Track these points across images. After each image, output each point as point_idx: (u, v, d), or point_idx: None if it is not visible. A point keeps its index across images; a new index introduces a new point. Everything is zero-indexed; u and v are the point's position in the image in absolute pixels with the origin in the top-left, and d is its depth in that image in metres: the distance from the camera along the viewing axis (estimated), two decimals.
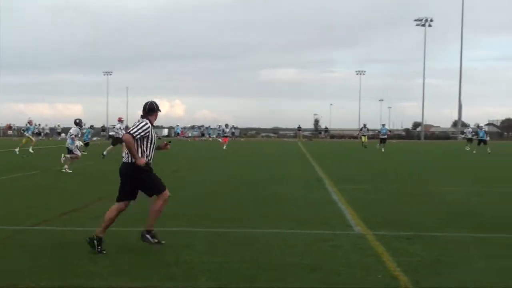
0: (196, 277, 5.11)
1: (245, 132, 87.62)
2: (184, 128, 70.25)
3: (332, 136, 79.56)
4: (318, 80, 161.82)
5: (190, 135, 65.53)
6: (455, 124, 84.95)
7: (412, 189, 12.46)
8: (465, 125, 58.73)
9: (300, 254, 6.03)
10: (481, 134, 32.85)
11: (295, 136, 72.43)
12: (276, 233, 7.20)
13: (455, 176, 16.78)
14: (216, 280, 5.03)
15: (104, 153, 22.40)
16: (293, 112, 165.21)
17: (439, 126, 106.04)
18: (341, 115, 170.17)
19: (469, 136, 36.48)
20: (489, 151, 30.34)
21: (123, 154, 6.54)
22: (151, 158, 6.25)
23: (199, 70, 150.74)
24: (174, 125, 71.65)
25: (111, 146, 23.31)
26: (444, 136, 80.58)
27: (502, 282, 5.01)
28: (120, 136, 22.09)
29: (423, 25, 76.69)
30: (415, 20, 77.05)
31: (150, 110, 6.36)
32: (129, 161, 6.13)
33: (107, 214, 6.17)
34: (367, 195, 11.21)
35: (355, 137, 77.84)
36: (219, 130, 51.65)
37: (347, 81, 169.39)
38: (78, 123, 16.59)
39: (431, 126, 62.08)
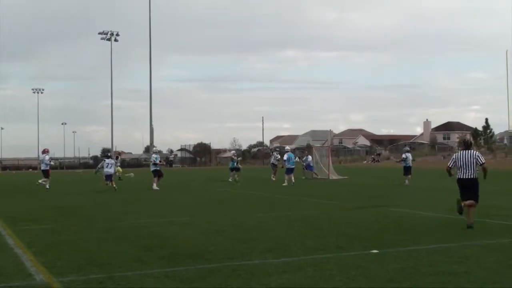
0: None
1: None
2: None
3: (5, 168, 71.50)
4: None
5: None
6: (147, 149, 77.89)
7: (104, 225, 11.67)
8: (157, 152, 52.65)
9: None
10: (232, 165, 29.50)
11: None
12: None
13: (155, 207, 16.42)
14: None
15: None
16: None
17: (131, 153, 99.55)
18: (16, 141, 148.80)
19: None
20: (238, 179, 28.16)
21: None
22: None
23: None
24: None
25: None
26: (136, 163, 77.27)
27: None
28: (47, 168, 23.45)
29: (109, 39, 66.67)
30: (100, 33, 66.65)
31: None
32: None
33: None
34: (51, 236, 9.97)
35: (35, 168, 66.04)
36: None
37: (21, 100, 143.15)
38: None
39: (122, 152, 56.63)
